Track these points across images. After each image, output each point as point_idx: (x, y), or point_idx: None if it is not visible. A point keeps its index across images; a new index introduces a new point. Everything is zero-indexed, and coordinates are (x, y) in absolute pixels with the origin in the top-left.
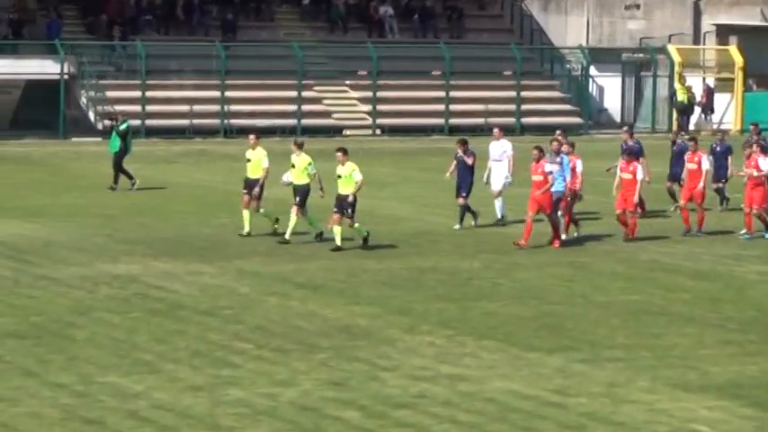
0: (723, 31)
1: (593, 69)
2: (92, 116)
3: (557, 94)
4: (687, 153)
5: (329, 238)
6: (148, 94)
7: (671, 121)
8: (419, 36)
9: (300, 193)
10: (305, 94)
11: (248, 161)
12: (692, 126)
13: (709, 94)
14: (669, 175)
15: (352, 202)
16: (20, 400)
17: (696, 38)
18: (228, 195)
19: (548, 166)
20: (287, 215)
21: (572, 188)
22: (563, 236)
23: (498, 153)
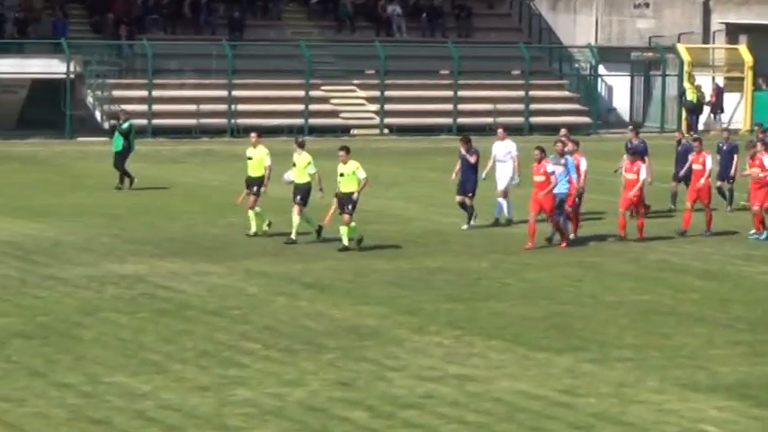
0: (733, 30)
1: (601, 68)
2: (98, 116)
3: (565, 93)
4: (692, 153)
5: (335, 237)
6: (155, 93)
7: (680, 120)
8: (427, 35)
9: (302, 191)
10: (312, 93)
11: (249, 159)
12: (701, 125)
13: (719, 93)
14: (674, 175)
15: (356, 199)
16: (27, 400)
17: (705, 37)
18: (236, 195)
19: (549, 166)
20: (287, 215)
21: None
22: (571, 236)
23: (503, 154)
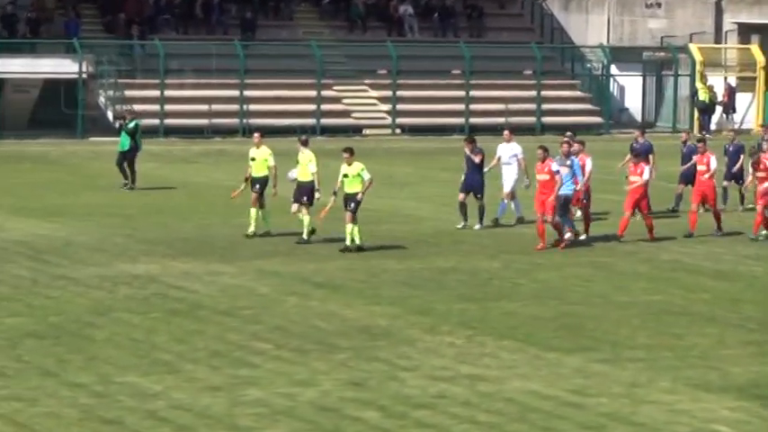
0: (745, 30)
1: (613, 68)
2: (110, 115)
3: (577, 93)
4: (696, 155)
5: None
6: (167, 93)
7: (692, 120)
8: (439, 35)
9: (306, 190)
10: (324, 93)
11: (252, 160)
12: (713, 125)
13: (731, 93)
14: (680, 176)
15: (359, 200)
16: (38, 399)
17: (717, 36)
18: (248, 195)
19: (554, 165)
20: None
21: (584, 188)
22: (583, 236)
23: (507, 156)
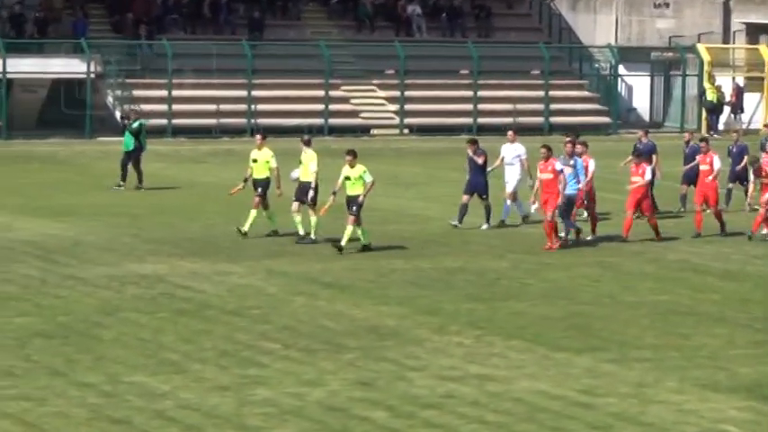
0: (753, 30)
1: (621, 68)
2: (118, 115)
3: (585, 93)
4: (699, 155)
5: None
6: (175, 93)
7: (700, 120)
8: (447, 35)
9: (307, 189)
10: (332, 93)
11: (254, 161)
12: (721, 126)
13: (739, 93)
14: (683, 177)
15: (361, 202)
16: (47, 399)
17: (726, 37)
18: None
19: (558, 164)
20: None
21: (587, 188)
22: (590, 236)
23: (511, 156)
